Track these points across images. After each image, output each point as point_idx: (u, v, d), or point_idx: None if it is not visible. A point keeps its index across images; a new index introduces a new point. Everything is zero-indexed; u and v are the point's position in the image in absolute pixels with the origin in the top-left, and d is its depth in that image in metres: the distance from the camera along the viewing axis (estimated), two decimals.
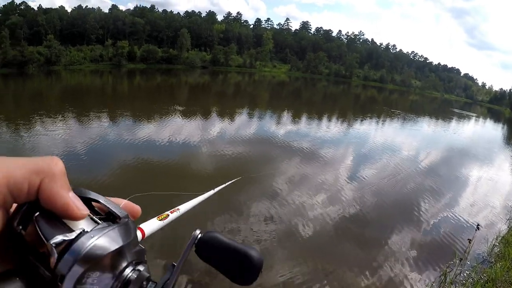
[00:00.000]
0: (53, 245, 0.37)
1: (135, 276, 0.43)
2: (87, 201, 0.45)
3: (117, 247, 0.41)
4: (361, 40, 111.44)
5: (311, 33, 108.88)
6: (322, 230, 8.07)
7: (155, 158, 12.00)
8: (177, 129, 16.92)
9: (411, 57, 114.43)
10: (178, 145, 14.22)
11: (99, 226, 0.42)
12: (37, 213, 0.41)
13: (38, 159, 0.41)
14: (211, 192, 1.26)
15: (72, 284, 0.37)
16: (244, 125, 19.91)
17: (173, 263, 0.49)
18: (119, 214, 0.46)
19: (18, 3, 67.69)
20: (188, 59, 72.37)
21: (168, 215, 0.84)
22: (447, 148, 20.28)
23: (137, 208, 0.53)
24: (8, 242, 0.39)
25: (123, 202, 0.51)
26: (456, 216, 9.92)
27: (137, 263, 0.45)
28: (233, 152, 13.56)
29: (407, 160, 15.72)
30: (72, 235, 0.39)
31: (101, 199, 0.47)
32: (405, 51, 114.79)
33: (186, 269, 5.62)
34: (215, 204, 8.10)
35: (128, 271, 0.43)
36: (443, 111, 50.54)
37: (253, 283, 0.50)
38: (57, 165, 0.42)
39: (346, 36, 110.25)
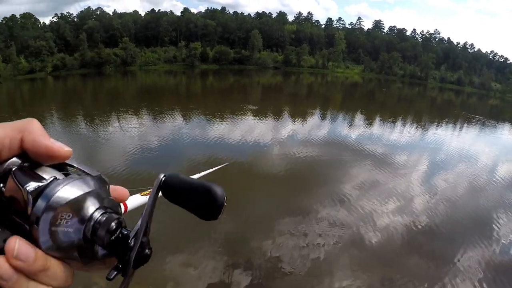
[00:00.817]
0: (28, 191, 0.40)
1: (104, 219, 0.45)
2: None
3: (85, 191, 0.44)
4: (436, 39, 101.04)
5: (384, 32, 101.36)
6: (388, 238, 8.20)
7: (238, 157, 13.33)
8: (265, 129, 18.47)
9: (491, 57, 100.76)
10: (250, 145, 15.48)
11: (70, 176, 0.45)
12: (14, 168, 0.43)
13: (17, 121, 0.45)
14: (196, 176, 1.22)
15: (47, 225, 0.40)
16: (317, 126, 21.39)
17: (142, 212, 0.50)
18: (91, 173, 0.48)
19: (94, 9, 70.92)
20: (260, 60, 72.07)
21: None
22: None
23: (124, 190, 0.54)
24: None
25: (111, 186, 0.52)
26: None
27: (110, 212, 0.47)
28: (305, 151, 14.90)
29: (485, 170, 15.19)
30: (45, 182, 0.42)
31: (75, 164, 0.49)
32: (483, 51, 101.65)
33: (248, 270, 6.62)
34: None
35: (97, 214, 0.45)
36: None
37: (218, 217, 0.49)
38: (35, 123, 0.45)
39: (421, 35, 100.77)
